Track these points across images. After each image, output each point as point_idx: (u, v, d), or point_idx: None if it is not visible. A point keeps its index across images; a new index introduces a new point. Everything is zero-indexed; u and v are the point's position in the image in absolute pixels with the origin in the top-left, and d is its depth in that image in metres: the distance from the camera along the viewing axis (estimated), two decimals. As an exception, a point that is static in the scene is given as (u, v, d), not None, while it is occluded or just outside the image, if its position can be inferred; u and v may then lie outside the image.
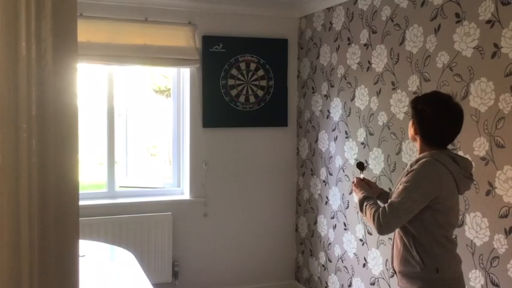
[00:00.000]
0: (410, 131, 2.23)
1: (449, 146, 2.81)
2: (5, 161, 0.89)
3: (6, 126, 0.88)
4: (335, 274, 4.03)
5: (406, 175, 2.15)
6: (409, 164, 2.23)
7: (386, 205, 2.10)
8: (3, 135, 0.88)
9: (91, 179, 6.27)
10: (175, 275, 4.18)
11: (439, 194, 2.09)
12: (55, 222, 0.92)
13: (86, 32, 3.83)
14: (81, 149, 1.04)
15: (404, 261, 2.19)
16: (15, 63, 0.86)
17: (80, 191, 4.43)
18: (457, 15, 2.82)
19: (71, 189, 0.95)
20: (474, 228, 2.73)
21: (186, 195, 4.33)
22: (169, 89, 4.45)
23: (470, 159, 2.73)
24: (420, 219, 2.11)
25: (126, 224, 4.00)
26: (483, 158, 2.66)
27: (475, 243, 2.73)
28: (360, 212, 2.51)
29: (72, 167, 0.94)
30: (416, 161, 2.17)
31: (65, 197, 0.93)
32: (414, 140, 2.25)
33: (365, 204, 2.21)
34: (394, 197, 2.11)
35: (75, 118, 0.93)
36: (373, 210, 2.13)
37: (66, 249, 0.97)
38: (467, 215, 2.77)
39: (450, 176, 2.12)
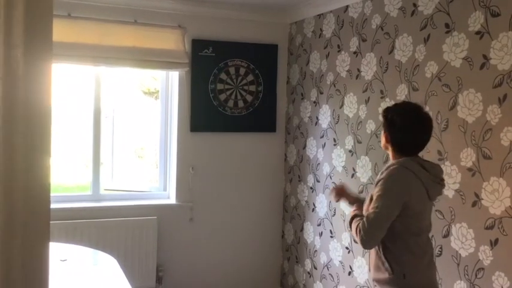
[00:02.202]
0: (382, 140, 2.29)
1: (436, 156, 2.81)
2: None
3: None
4: (320, 282, 4.01)
5: (376, 184, 2.19)
6: (380, 173, 2.25)
7: (364, 219, 2.13)
8: None
9: (76, 181, 6.20)
10: (159, 280, 4.13)
11: (409, 200, 2.13)
12: (23, 227, 0.88)
13: (73, 32, 3.78)
14: (53, 150, 1.00)
15: (377, 268, 2.23)
16: None
17: (64, 194, 4.39)
18: (447, 25, 2.82)
19: (42, 193, 0.91)
20: (460, 239, 2.72)
21: (172, 200, 4.29)
22: (158, 91, 4.41)
23: (456, 169, 2.73)
24: (391, 227, 2.13)
25: (110, 227, 3.94)
26: (470, 169, 2.66)
27: (460, 254, 2.72)
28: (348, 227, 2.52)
29: (43, 169, 0.90)
30: (386, 168, 2.21)
31: (34, 202, 0.89)
32: (386, 148, 2.30)
33: (354, 221, 2.23)
34: (369, 208, 2.15)
35: (48, 118, 0.90)
36: (356, 224, 2.17)
37: (35, 257, 0.93)
38: (453, 226, 2.77)
39: (418, 181, 2.16)
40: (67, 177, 6.16)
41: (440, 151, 2.84)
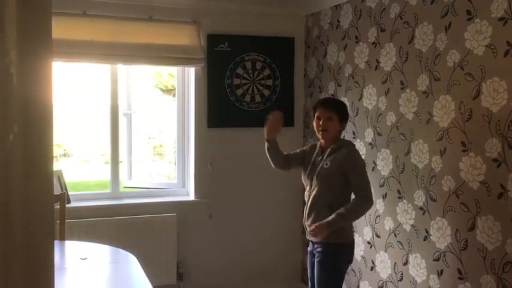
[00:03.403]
0: (336, 127, 2.91)
1: (459, 147, 2.73)
2: None
3: None
4: (342, 277, 3.95)
5: (345, 160, 2.85)
6: (328, 150, 2.92)
7: (361, 194, 2.85)
8: None
9: (97, 178, 6.23)
10: (180, 276, 4.12)
11: None
12: (23, 228, 0.85)
13: (89, 30, 3.78)
14: (55, 148, 0.96)
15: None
16: None
17: (83, 192, 4.41)
18: (469, 12, 2.73)
19: (43, 194, 0.88)
20: (486, 232, 2.65)
21: (191, 196, 4.27)
22: (175, 88, 4.39)
23: (481, 160, 2.65)
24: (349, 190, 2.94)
25: (130, 225, 3.94)
26: (495, 160, 2.58)
27: (486, 248, 2.64)
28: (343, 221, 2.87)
29: (43, 163, 0.87)
30: (340, 146, 2.91)
31: (35, 202, 0.86)
32: (334, 133, 2.93)
33: (342, 218, 2.81)
34: (357, 182, 2.84)
35: (49, 117, 0.87)
36: (355, 210, 2.86)
37: (38, 259, 0.89)
38: (478, 219, 2.69)
39: None
40: (88, 175, 6.20)
41: (464, 142, 2.76)
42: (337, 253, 2.89)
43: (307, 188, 3.04)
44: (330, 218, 2.79)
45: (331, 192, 2.88)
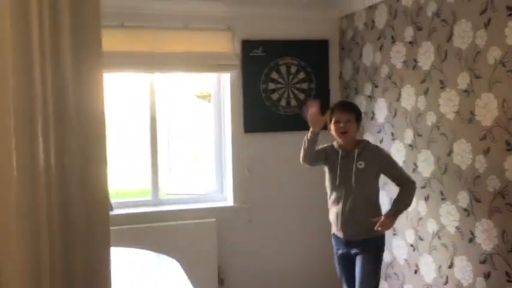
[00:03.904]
0: (354, 128, 3.03)
1: (504, 146, 2.66)
2: (20, 163, 0.85)
3: (22, 126, 0.84)
4: (385, 281, 3.89)
5: (377, 158, 3.05)
6: (356, 151, 3.02)
7: (406, 181, 3.04)
8: (18, 135, 0.84)
9: (137, 187, 6.34)
10: (221, 282, 4.15)
11: None
12: (82, 232, 0.87)
13: (127, 41, 3.87)
14: (113, 157, 0.99)
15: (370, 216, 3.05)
16: (28, 68, 0.83)
17: (124, 199, 4.50)
18: (509, 8, 2.66)
19: (99, 198, 0.90)
20: (535, 233, 2.56)
21: (229, 202, 4.30)
22: (210, 94, 4.43)
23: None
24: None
25: (170, 231, 4.00)
26: (543, 158, 2.49)
27: (536, 249, 2.56)
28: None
29: (99, 174, 0.90)
30: (364, 146, 3.07)
31: (92, 206, 0.89)
32: (354, 134, 3.05)
33: (404, 206, 3.06)
34: (396, 172, 3.06)
35: (102, 124, 0.89)
36: (411, 194, 3.04)
37: (96, 261, 0.92)
38: (526, 219, 2.60)
39: None
40: (128, 183, 6.31)
41: (509, 141, 2.68)
42: (383, 244, 3.11)
43: (338, 191, 3.06)
44: (392, 209, 3.00)
45: (368, 190, 3.05)
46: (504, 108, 2.71)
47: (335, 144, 3.14)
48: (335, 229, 3.13)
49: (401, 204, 3.02)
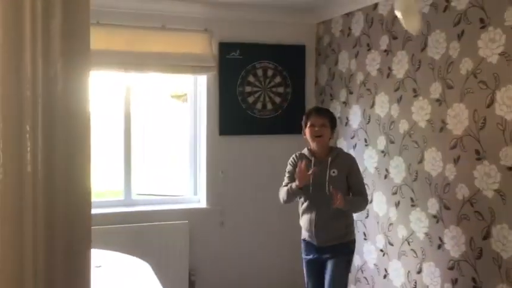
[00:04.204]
0: (329, 133, 3.07)
1: (473, 155, 2.72)
2: (7, 165, 0.84)
3: (10, 128, 0.84)
4: (354, 285, 3.94)
5: (347, 164, 3.09)
6: (329, 159, 3.05)
7: (365, 197, 3.08)
8: (6, 136, 0.84)
9: (109, 187, 6.26)
10: (191, 284, 4.13)
11: None
12: (63, 232, 0.87)
13: (103, 39, 3.82)
14: (94, 155, 0.99)
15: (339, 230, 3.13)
16: (19, 70, 0.82)
17: (97, 199, 4.44)
18: (482, 20, 2.73)
19: (82, 197, 0.90)
20: (501, 241, 2.63)
21: (202, 203, 4.28)
22: (186, 94, 4.41)
23: (495, 169, 2.64)
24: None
25: (142, 232, 3.96)
26: (510, 168, 2.57)
27: (501, 256, 2.63)
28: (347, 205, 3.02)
29: (84, 175, 0.89)
30: (338, 153, 3.11)
31: (75, 206, 0.88)
32: (327, 140, 3.09)
33: (350, 203, 3.04)
34: (358, 184, 3.08)
35: (87, 124, 0.89)
36: (358, 201, 3.07)
37: (77, 260, 0.91)
38: (493, 227, 2.67)
39: None
40: (100, 184, 6.23)
41: (478, 150, 2.76)
42: (353, 249, 3.15)
43: (312, 198, 3.07)
44: (350, 197, 3.04)
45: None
46: (475, 118, 2.78)
47: (306, 152, 3.15)
48: (307, 235, 3.15)
49: (356, 201, 3.05)
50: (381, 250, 3.63)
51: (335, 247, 3.06)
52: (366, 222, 3.80)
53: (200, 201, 4.33)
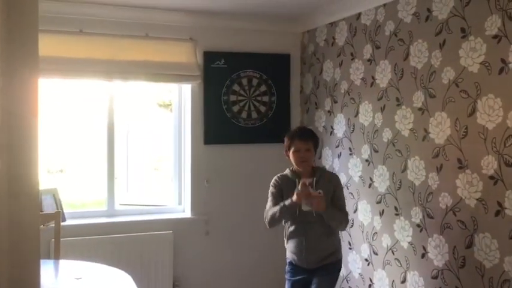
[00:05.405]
0: (313, 156, 3.05)
1: (455, 164, 2.72)
2: None
3: None
4: (340, 294, 3.92)
5: (332, 183, 3.02)
6: (314, 180, 2.95)
7: (345, 215, 3.02)
8: None
9: (93, 197, 6.19)
10: (176, 295, 4.08)
11: None
12: (9, 249, 0.83)
13: (85, 48, 3.79)
14: (40, 159, 0.95)
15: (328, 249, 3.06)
16: None
17: (78, 210, 4.38)
18: (463, 30, 2.75)
19: (30, 207, 0.86)
20: (483, 250, 2.63)
21: (187, 213, 4.25)
22: (172, 103, 4.38)
23: (477, 177, 2.65)
24: None
25: (125, 243, 3.91)
26: (492, 177, 2.57)
27: (484, 266, 2.63)
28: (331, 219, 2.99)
29: (30, 179, 0.86)
30: (321, 174, 3.04)
31: (22, 217, 0.84)
32: (311, 160, 3.04)
33: (333, 214, 2.96)
34: (340, 202, 3.02)
35: (35, 132, 0.86)
36: (339, 216, 2.98)
37: (25, 274, 0.87)
38: (475, 236, 2.67)
39: None
40: (84, 194, 6.16)
41: (460, 159, 2.76)
42: (340, 268, 3.12)
43: (299, 222, 2.97)
44: (332, 209, 2.95)
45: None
46: (457, 127, 2.79)
47: (289, 173, 3.07)
48: (296, 259, 3.04)
49: (337, 213, 2.94)
50: (366, 259, 3.62)
51: (324, 267, 3.00)
52: (350, 232, 3.78)
53: (185, 210, 4.29)
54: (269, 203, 3.06)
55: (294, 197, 2.84)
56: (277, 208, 2.93)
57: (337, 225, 3.01)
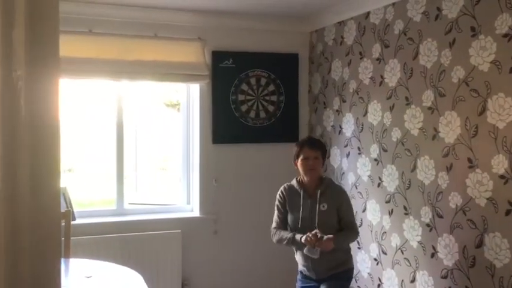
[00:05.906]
0: (321, 165, 3.10)
1: (466, 163, 2.72)
2: None
3: None
4: (348, 294, 3.91)
5: (338, 199, 3.06)
6: (318, 192, 3.03)
7: (351, 227, 3.05)
8: None
9: (102, 196, 6.21)
10: (184, 294, 4.09)
11: None
12: (31, 242, 0.84)
13: (95, 48, 3.81)
14: (63, 162, 0.96)
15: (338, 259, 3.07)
16: None
17: (88, 209, 4.40)
18: (473, 29, 2.74)
19: (50, 207, 0.87)
20: (493, 249, 2.62)
21: (195, 212, 4.26)
22: (180, 103, 4.40)
23: (488, 177, 2.63)
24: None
25: (134, 242, 3.93)
26: (502, 176, 2.56)
27: (494, 265, 2.61)
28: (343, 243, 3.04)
29: (50, 188, 0.87)
30: (327, 185, 3.08)
31: (43, 216, 0.85)
32: (319, 170, 3.10)
33: (343, 239, 3.00)
34: (348, 217, 3.05)
35: (57, 135, 0.87)
36: (348, 238, 3.05)
37: (45, 272, 0.88)
38: (486, 236, 2.66)
39: None
40: (93, 193, 6.19)
41: (471, 158, 2.75)
42: (352, 275, 3.13)
43: (302, 233, 2.96)
44: (339, 237, 2.94)
45: (332, 230, 2.97)
46: (467, 126, 2.77)
47: (295, 184, 3.14)
48: (305, 270, 3.10)
49: (346, 237, 3.01)
50: (375, 259, 3.61)
51: (334, 276, 3.01)
52: (359, 231, 3.77)
53: (193, 210, 4.30)
54: (275, 217, 3.19)
55: (303, 239, 2.89)
56: (285, 236, 3.04)
57: (348, 245, 3.10)
